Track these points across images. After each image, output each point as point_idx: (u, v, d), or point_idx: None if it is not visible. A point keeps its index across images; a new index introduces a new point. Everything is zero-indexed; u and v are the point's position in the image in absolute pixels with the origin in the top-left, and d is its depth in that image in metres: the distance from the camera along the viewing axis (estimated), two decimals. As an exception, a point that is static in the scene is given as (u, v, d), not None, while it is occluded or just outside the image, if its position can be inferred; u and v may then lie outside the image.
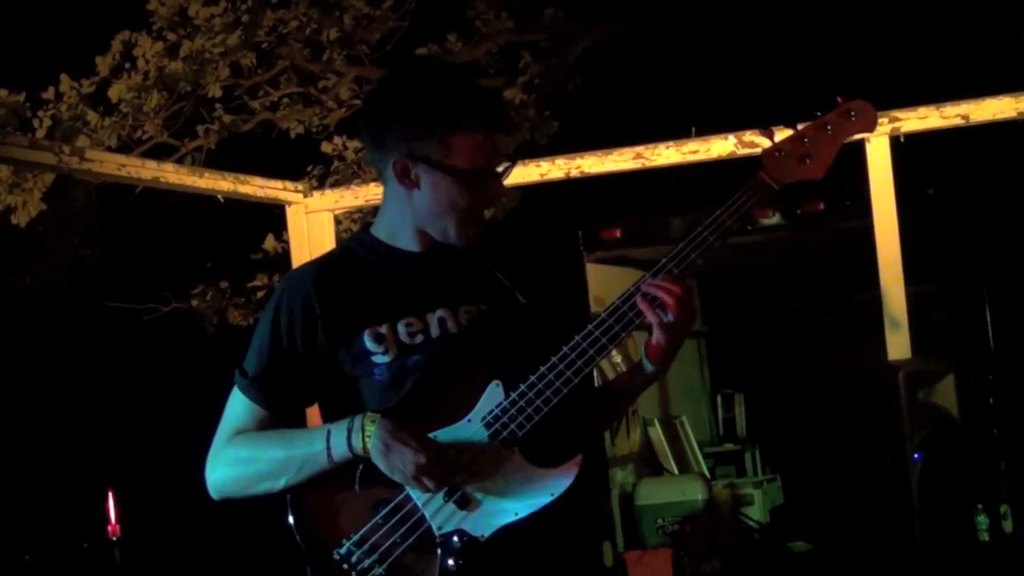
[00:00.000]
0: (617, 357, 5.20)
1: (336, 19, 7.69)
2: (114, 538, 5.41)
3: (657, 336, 2.40)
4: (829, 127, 2.42)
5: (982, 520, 5.89)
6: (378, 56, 7.92)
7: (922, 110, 4.42)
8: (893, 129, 4.38)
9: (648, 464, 7.17)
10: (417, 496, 2.37)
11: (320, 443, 2.38)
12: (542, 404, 2.37)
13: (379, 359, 2.43)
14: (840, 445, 7.27)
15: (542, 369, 2.37)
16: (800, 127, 2.43)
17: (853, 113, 2.43)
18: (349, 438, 2.35)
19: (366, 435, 2.34)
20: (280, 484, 2.42)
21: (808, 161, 2.41)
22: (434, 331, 2.46)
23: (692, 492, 6.58)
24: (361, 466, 2.36)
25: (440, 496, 2.36)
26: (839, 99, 2.43)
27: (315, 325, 2.45)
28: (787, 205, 6.40)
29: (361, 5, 7.75)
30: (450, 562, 2.34)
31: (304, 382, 2.49)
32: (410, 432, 2.33)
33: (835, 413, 7.52)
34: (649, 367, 2.48)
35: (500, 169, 2.49)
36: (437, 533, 2.36)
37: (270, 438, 2.46)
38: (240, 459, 2.47)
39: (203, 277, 8.40)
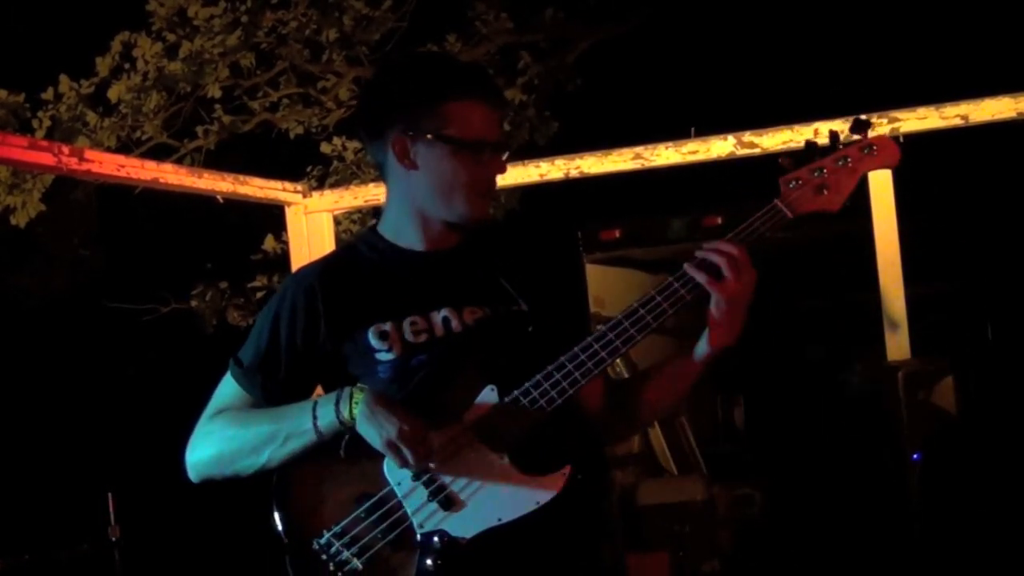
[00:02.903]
0: (618, 364, 5.19)
1: (335, 20, 7.70)
2: (114, 539, 5.40)
3: (716, 302, 2.37)
4: (849, 160, 2.39)
5: (981, 522, 5.88)
6: (377, 57, 7.92)
7: (921, 110, 4.42)
8: (892, 130, 4.37)
9: (648, 465, 7.16)
10: (401, 492, 2.37)
11: (307, 414, 2.38)
12: (536, 412, 2.36)
13: (383, 356, 2.43)
14: (840, 446, 7.27)
15: (537, 377, 2.37)
16: (818, 158, 2.38)
17: (875, 148, 2.39)
18: (337, 406, 2.35)
19: (354, 402, 2.34)
20: (262, 459, 2.42)
21: (825, 192, 2.38)
22: (439, 330, 2.46)
23: (692, 493, 6.58)
24: (347, 436, 2.36)
25: (424, 494, 2.36)
26: (862, 135, 2.39)
27: (318, 322, 2.46)
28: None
29: (360, 6, 7.75)
30: (428, 562, 2.34)
31: (298, 378, 2.49)
32: (398, 405, 2.34)
33: (835, 414, 7.51)
34: (704, 349, 2.47)
35: (501, 149, 2.50)
36: (418, 531, 2.36)
37: (253, 414, 2.47)
38: (223, 437, 2.47)
39: (202, 278, 8.41)
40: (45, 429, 9.04)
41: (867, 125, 2.41)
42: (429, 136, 2.45)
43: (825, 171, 2.39)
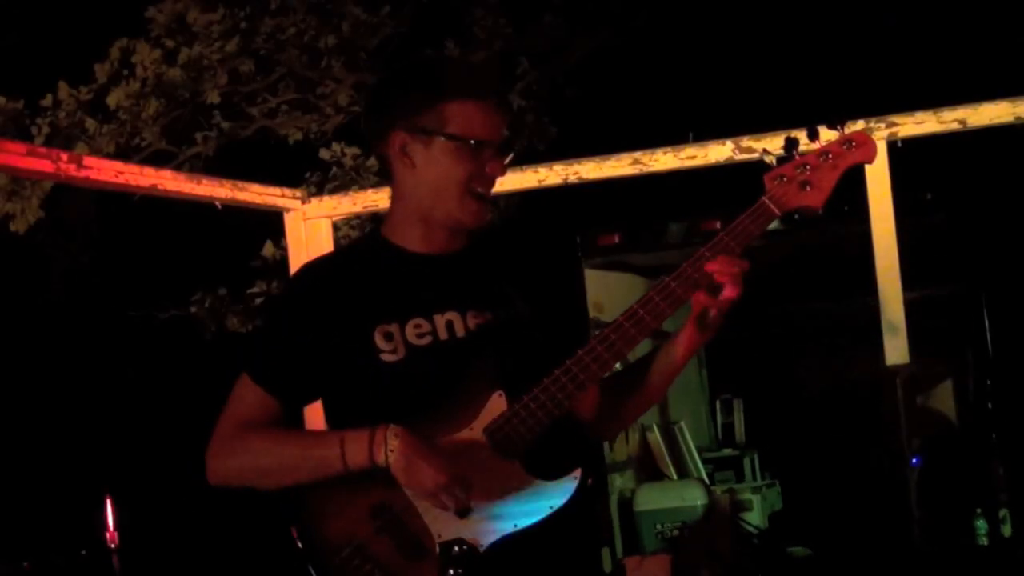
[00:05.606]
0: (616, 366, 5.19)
1: (334, 26, 7.71)
2: (112, 545, 5.40)
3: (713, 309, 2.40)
4: (830, 156, 2.41)
5: (981, 524, 5.90)
6: (376, 62, 7.92)
7: (919, 115, 4.42)
8: (891, 134, 4.38)
9: (647, 470, 7.17)
10: (418, 502, 2.37)
11: (335, 449, 2.37)
12: (544, 417, 2.37)
13: (387, 358, 2.43)
14: (839, 450, 7.28)
15: (545, 382, 2.37)
16: (801, 154, 2.43)
17: (854, 143, 2.41)
18: (371, 450, 2.34)
19: (389, 449, 2.33)
20: (287, 481, 2.41)
21: (808, 188, 2.40)
22: (442, 333, 2.46)
23: (691, 498, 6.58)
24: (378, 475, 2.36)
25: None
26: (839, 127, 2.43)
27: (328, 316, 2.45)
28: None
29: (359, 12, 7.76)
30: (449, 571, 2.34)
31: (315, 372, 2.47)
32: (432, 449, 2.34)
33: (834, 418, 7.52)
34: (686, 348, 2.47)
35: (502, 152, 2.50)
36: (437, 541, 2.36)
37: (285, 434, 2.45)
38: (252, 450, 2.45)
39: (202, 284, 8.40)
40: (44, 436, 9.03)
41: (843, 120, 2.45)
42: (429, 133, 2.45)
43: (808, 167, 2.41)
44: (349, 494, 2.39)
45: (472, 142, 2.45)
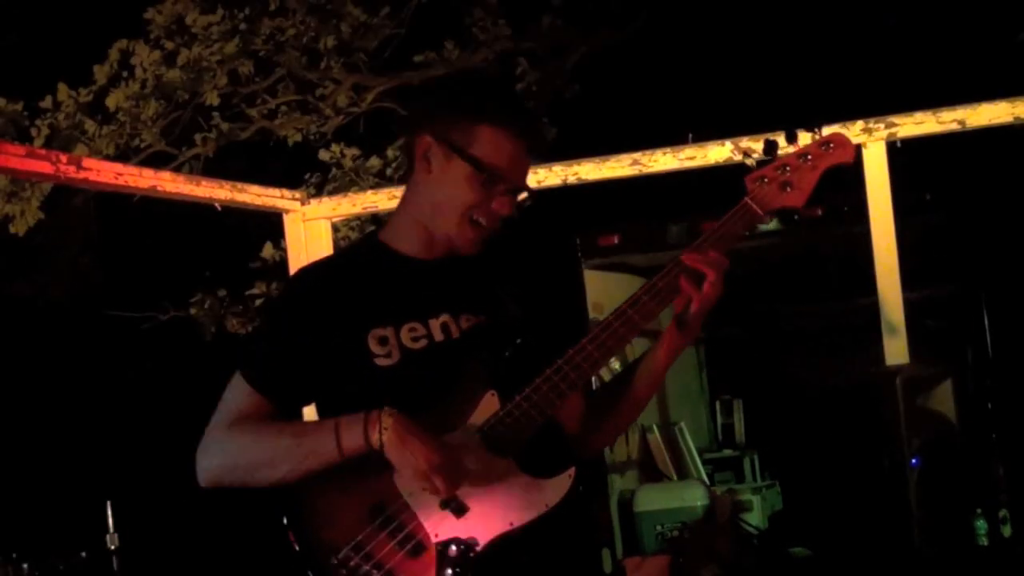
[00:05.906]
0: (615, 364, 5.20)
1: (333, 27, 7.71)
2: (112, 548, 5.40)
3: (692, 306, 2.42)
4: (809, 157, 2.45)
5: (981, 525, 5.90)
6: (376, 64, 7.93)
7: (919, 115, 4.42)
8: (890, 135, 4.38)
9: (647, 470, 7.16)
10: (413, 502, 2.38)
11: (329, 434, 2.37)
12: (537, 416, 2.38)
13: (382, 362, 2.44)
14: (839, 451, 7.27)
15: (537, 381, 2.39)
16: (781, 156, 2.45)
17: (832, 145, 2.45)
18: (366, 430, 2.35)
19: (383, 427, 2.34)
20: (280, 473, 2.40)
21: (789, 189, 2.44)
22: (437, 336, 2.48)
23: (691, 498, 6.57)
24: (374, 468, 2.37)
25: (436, 503, 2.37)
26: (816, 130, 2.46)
27: (323, 320, 2.46)
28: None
29: (358, 13, 7.76)
30: (448, 571, 2.35)
31: (308, 375, 2.49)
32: (426, 433, 2.35)
33: (833, 419, 7.51)
34: (669, 351, 2.49)
35: (516, 192, 2.51)
36: (434, 540, 2.37)
37: (274, 425, 2.45)
38: (241, 445, 2.44)
39: (201, 285, 8.41)
40: (44, 437, 9.03)
41: (819, 124, 2.48)
42: (452, 148, 2.46)
43: (788, 168, 2.45)
44: (346, 494, 2.40)
45: (488, 172, 2.45)
